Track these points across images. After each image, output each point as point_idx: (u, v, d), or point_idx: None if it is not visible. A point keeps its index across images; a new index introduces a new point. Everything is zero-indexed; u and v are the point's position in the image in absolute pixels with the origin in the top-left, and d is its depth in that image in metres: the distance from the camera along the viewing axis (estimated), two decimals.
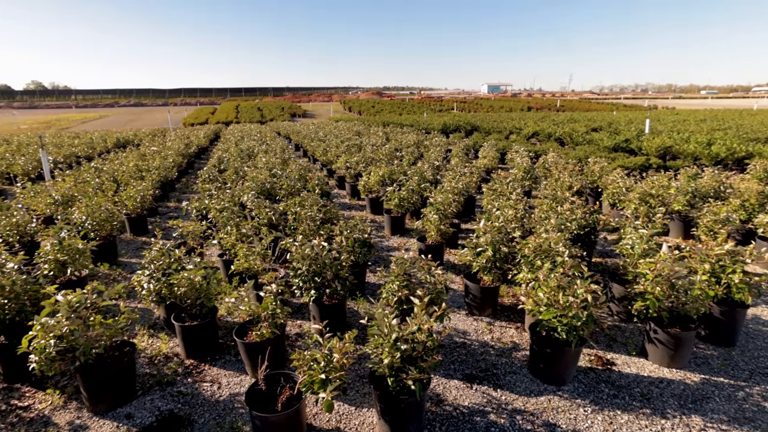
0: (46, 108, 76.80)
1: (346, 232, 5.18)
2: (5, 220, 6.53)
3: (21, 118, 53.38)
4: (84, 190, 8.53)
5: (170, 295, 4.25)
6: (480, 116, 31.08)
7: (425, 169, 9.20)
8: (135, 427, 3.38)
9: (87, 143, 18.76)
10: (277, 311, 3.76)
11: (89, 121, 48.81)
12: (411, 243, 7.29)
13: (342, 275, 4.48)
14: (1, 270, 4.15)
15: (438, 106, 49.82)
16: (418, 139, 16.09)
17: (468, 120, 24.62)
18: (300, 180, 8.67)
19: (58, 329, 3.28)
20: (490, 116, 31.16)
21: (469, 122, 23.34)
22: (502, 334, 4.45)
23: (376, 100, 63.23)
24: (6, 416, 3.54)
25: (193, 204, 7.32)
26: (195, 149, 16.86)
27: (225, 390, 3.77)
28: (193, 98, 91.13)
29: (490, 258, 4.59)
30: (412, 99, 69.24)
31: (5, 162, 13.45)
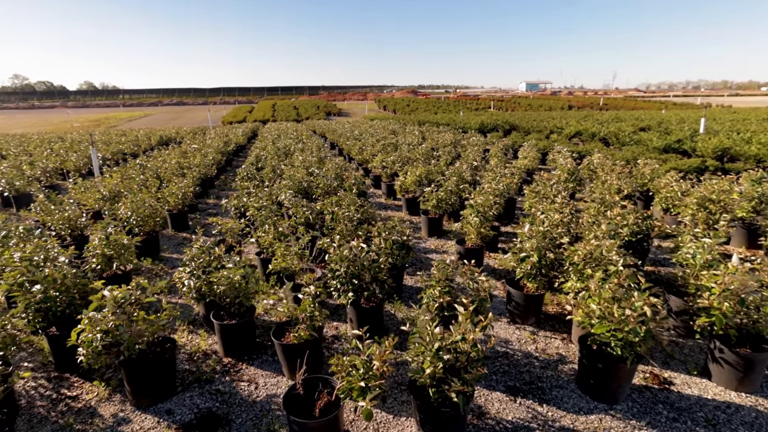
0: (96, 107, 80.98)
1: (384, 234, 5.07)
2: (58, 215, 6.82)
3: (74, 116, 56.46)
4: (129, 186, 8.82)
5: (210, 293, 4.27)
6: (518, 115, 30.34)
7: (464, 169, 8.99)
8: (175, 424, 3.40)
9: (133, 141, 19.54)
10: (316, 314, 3.70)
11: (135, 119, 51.02)
12: (449, 245, 7.11)
13: (380, 278, 4.38)
14: (53, 263, 4.31)
15: (474, 105, 49.05)
16: (455, 138, 15.82)
17: (506, 119, 24.05)
18: (336, 179, 8.65)
19: (104, 324, 3.34)
20: (528, 115, 30.35)
21: (507, 121, 22.78)
22: (546, 345, 4.22)
23: (411, 99, 62.95)
24: (56, 405, 3.65)
25: (232, 202, 7.42)
26: (233, 147, 17.23)
27: (262, 391, 3.75)
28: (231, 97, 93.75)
29: (535, 264, 4.37)
30: (448, 97, 68.52)
31: (59, 158, 14.16)
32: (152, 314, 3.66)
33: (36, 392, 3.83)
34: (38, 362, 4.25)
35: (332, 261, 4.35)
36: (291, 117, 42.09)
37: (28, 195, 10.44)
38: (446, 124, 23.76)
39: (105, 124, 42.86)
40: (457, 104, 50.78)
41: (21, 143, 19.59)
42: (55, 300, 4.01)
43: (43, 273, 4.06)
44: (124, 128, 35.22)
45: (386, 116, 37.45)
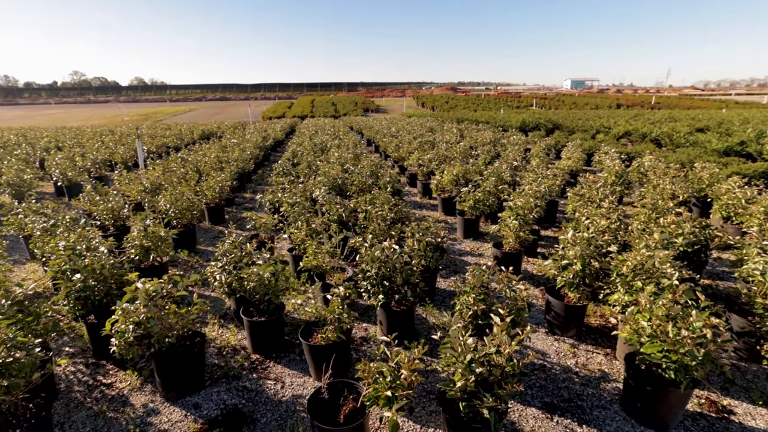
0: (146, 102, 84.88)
1: (418, 235, 4.91)
2: (102, 205, 7.07)
3: (125, 110, 59.34)
4: (170, 179, 9.06)
5: (240, 289, 4.26)
6: (562, 113, 29.24)
7: (503, 169, 8.66)
8: (201, 418, 3.39)
9: (176, 134, 20.21)
10: (344, 316, 3.60)
11: (180, 114, 53.00)
12: (485, 248, 6.86)
13: (412, 281, 4.22)
14: (93, 253, 4.41)
15: (515, 103, 47.75)
16: (495, 136, 15.38)
17: (549, 117, 23.20)
18: (371, 176, 8.54)
19: (136, 316, 3.37)
20: (573, 113, 29.19)
21: (550, 120, 21.96)
22: (588, 360, 3.94)
23: (450, 96, 62.12)
24: (92, 391, 3.73)
25: (266, 197, 7.46)
26: (272, 142, 17.49)
27: (288, 390, 3.69)
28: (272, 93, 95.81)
29: (578, 273, 4.09)
30: (488, 95, 67.16)
31: (108, 150, 14.82)
32: (184, 307, 3.67)
33: (74, 377, 3.94)
34: (78, 348, 4.38)
35: (363, 261, 4.23)
36: (329, 113, 42.46)
37: (78, 185, 10.96)
38: (486, 122, 23.21)
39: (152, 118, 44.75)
40: (498, 102, 49.65)
41: (75, 135, 20.68)
42: (93, 289, 4.10)
43: (83, 262, 4.16)
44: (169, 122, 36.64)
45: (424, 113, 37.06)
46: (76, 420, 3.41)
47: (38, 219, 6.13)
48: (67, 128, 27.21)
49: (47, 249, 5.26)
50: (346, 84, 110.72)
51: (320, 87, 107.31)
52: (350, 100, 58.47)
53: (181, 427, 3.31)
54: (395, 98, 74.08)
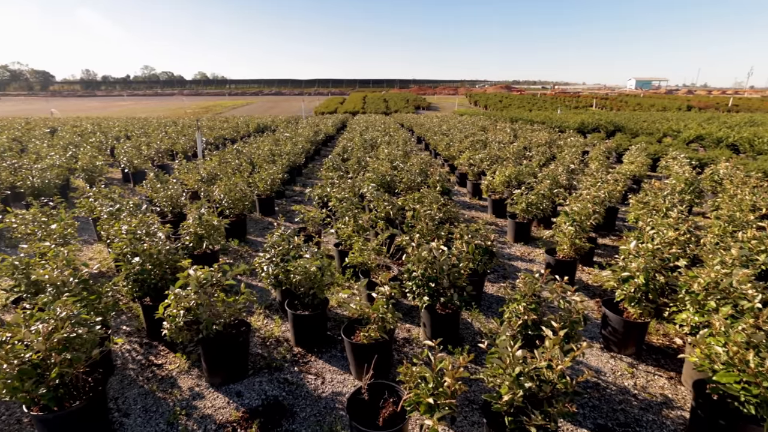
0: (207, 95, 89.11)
1: (466, 237, 4.74)
2: (162, 192, 7.42)
3: (188, 103, 62.60)
4: (225, 170, 9.38)
5: (286, 281, 4.30)
6: (625, 115, 27.61)
7: (559, 172, 8.26)
8: (243, 407, 3.44)
9: (233, 127, 21.01)
10: (388, 315, 3.53)
11: (237, 107, 55.16)
12: (536, 254, 6.56)
13: (459, 284, 4.08)
14: (152, 238, 4.62)
15: (574, 103, 45.65)
16: (551, 138, 14.74)
17: (610, 119, 21.93)
18: (421, 174, 8.42)
19: (187, 302, 3.46)
20: (637, 115, 27.48)
21: (611, 121, 20.75)
22: (648, 383, 3.63)
23: (504, 95, 60.50)
24: (144, 370, 3.90)
25: (315, 191, 7.53)
26: (323, 137, 17.75)
27: (328, 386, 3.68)
28: (325, 89, 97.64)
29: (641, 287, 3.77)
30: (544, 94, 64.77)
31: (171, 141, 15.64)
32: (232, 296, 3.74)
33: (129, 355, 4.13)
34: (134, 327, 4.60)
35: (409, 261, 4.14)
36: (380, 109, 42.60)
37: (143, 172, 11.63)
38: (541, 122, 22.33)
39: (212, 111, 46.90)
40: (555, 101, 47.73)
41: (143, 126, 22.02)
42: (150, 272, 4.28)
43: (142, 246, 4.36)
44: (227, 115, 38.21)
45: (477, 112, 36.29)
46: (128, 396, 3.56)
47: (106, 203, 6.52)
48: (135, 119, 29.08)
49: (111, 232, 5.59)
50: (398, 81, 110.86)
51: (372, 83, 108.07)
52: (402, 97, 58.39)
53: (223, 413, 3.38)
54: (447, 96, 73.17)
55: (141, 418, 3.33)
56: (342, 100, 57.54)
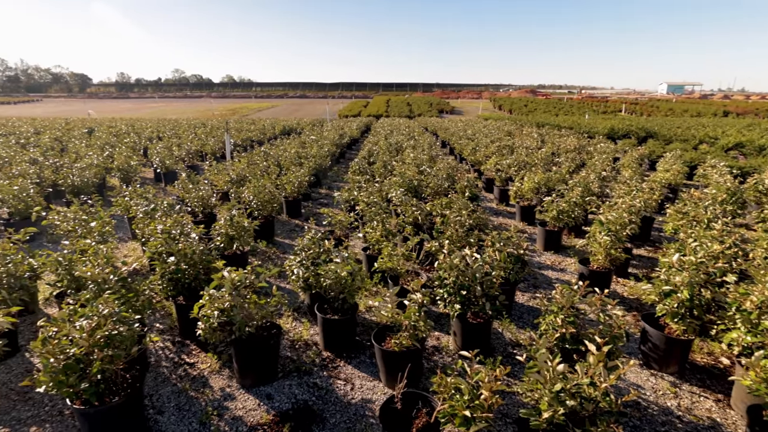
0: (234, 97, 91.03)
1: (498, 245, 4.67)
2: (194, 193, 7.57)
3: (215, 105, 64.02)
4: (253, 171, 9.51)
5: (316, 285, 4.31)
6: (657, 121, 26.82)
7: (591, 179, 8.06)
8: (273, 410, 3.45)
9: (260, 129, 21.35)
10: (420, 323, 3.49)
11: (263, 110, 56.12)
12: (567, 263, 6.41)
13: (492, 293, 4.01)
14: (186, 238, 4.70)
15: (602, 108, 44.67)
16: (580, 143, 14.44)
17: (641, 124, 21.34)
18: (448, 179, 8.35)
19: (221, 303, 3.51)
20: (670, 121, 26.66)
21: (642, 127, 20.18)
22: (693, 404, 3.48)
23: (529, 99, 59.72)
24: (177, 368, 3.96)
25: (343, 194, 7.55)
26: (348, 140, 17.84)
27: (357, 393, 3.66)
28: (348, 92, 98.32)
29: (685, 303, 3.62)
30: (571, 98, 63.62)
31: (200, 142, 15.99)
32: (263, 298, 3.77)
33: (162, 353, 4.21)
34: (167, 325, 4.68)
35: (441, 268, 4.09)
36: (404, 113, 42.63)
37: (174, 172, 11.92)
38: (569, 127, 21.90)
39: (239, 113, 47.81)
40: (582, 106, 46.79)
41: (174, 127, 22.61)
42: (184, 272, 4.36)
43: (177, 246, 4.44)
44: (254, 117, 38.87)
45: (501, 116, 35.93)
46: (162, 394, 3.62)
47: (141, 202, 6.70)
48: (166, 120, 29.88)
49: (146, 231, 5.73)
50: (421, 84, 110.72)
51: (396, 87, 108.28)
52: (425, 101, 58.30)
53: (254, 415, 3.39)
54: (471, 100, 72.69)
55: (174, 416, 3.38)
56: (365, 104, 57.84)
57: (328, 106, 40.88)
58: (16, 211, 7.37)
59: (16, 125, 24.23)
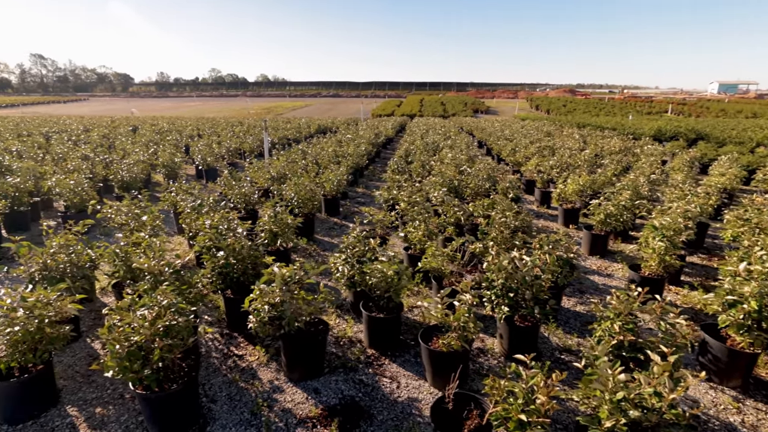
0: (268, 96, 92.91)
1: (546, 247, 4.55)
2: (237, 189, 7.77)
3: (251, 104, 65.56)
4: (293, 169, 9.66)
5: (361, 283, 4.33)
6: (708, 122, 25.53)
7: (641, 182, 7.75)
8: (321, 404, 3.49)
9: (295, 128, 21.70)
10: (470, 325, 3.44)
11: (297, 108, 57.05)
12: (614, 269, 6.19)
13: (542, 297, 3.91)
14: (234, 234, 4.82)
15: (646, 108, 42.90)
16: (624, 145, 13.93)
17: (691, 126, 20.37)
18: (488, 180, 8.22)
19: (272, 298, 3.57)
20: (723, 122, 25.31)
21: (693, 128, 19.23)
22: (759, 422, 3.28)
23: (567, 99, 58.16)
24: (226, 360, 4.06)
25: (383, 194, 7.56)
26: (383, 139, 17.88)
27: (403, 391, 3.65)
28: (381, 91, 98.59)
29: (752, 314, 3.42)
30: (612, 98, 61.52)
31: (239, 140, 16.39)
32: (310, 295, 3.81)
33: (212, 344, 4.33)
34: (214, 318, 4.81)
35: (489, 270, 4.02)
36: (438, 112, 42.36)
37: (214, 169, 12.27)
38: (612, 128, 21.16)
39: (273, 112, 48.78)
40: (624, 106, 45.15)
41: (212, 126, 23.29)
42: (233, 267, 4.47)
43: (226, 242, 4.56)
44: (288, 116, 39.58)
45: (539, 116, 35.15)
46: (214, 383, 3.72)
47: (187, 198, 6.92)
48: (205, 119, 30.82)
49: (194, 226, 5.92)
50: (455, 84, 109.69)
51: (429, 86, 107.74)
52: (459, 100, 57.75)
53: (302, 408, 3.44)
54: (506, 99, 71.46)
55: (227, 406, 3.46)
56: (399, 103, 57.84)
57: (362, 105, 41.15)
58: (72, 204, 7.75)
59: (67, 123, 25.58)
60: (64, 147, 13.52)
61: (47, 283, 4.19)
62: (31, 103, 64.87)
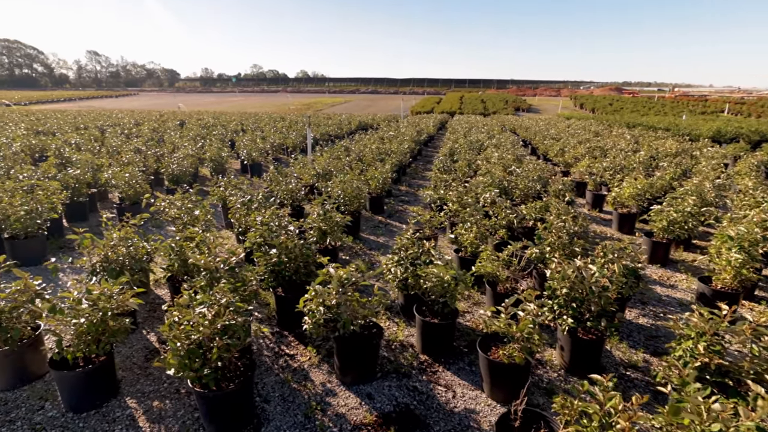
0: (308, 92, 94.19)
1: (611, 255, 4.28)
2: (284, 186, 7.81)
3: (291, 99, 66.62)
4: (337, 166, 9.65)
5: (415, 286, 4.21)
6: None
7: (707, 187, 7.24)
8: (375, 411, 3.40)
9: (336, 124, 21.80)
10: (534, 337, 3.26)
11: (336, 104, 57.48)
12: (677, 279, 5.80)
13: (609, 309, 3.67)
14: (286, 232, 4.81)
15: (700, 107, 40.49)
16: (682, 147, 13.15)
17: (754, 126, 19.01)
18: (538, 181, 7.91)
19: (329, 300, 3.51)
20: None
21: (756, 130, 17.89)
22: None
23: (614, 97, 55.81)
24: (278, 359, 4.05)
25: (433, 194, 7.41)
26: (425, 137, 17.66)
27: (460, 402, 3.51)
28: (420, 88, 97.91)
29: None
30: (662, 97, 58.55)
31: (282, 136, 16.61)
32: (364, 297, 3.73)
33: (263, 342, 4.32)
34: (264, 315, 4.82)
35: (552, 278, 3.81)
36: (478, 110, 41.61)
37: (258, 165, 12.46)
38: (665, 128, 20.06)
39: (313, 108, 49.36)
40: (676, 105, 42.82)
41: (256, 121, 23.75)
42: (285, 265, 4.45)
43: (279, 239, 4.55)
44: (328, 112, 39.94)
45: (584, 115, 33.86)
46: (267, 383, 3.71)
47: (236, 193, 7.01)
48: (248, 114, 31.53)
49: (244, 221, 5.96)
50: (495, 81, 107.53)
51: (468, 83, 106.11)
52: (500, 98, 56.55)
53: (356, 414, 3.36)
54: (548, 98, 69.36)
55: (280, 407, 3.43)
56: (438, 100, 57.24)
57: (402, 102, 40.94)
58: (127, 196, 8.02)
59: (119, 117, 26.79)
60: (118, 140, 14.10)
61: (107, 275, 4.30)
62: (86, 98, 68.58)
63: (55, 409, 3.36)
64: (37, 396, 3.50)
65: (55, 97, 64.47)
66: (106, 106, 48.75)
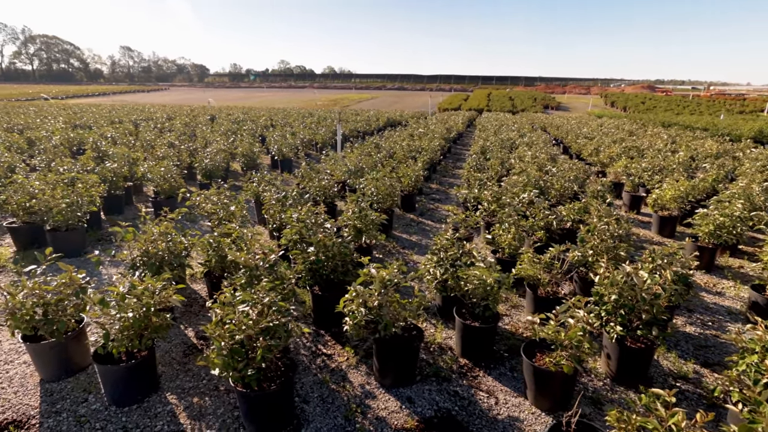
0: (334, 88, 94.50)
1: (660, 261, 4.10)
2: (316, 182, 7.81)
3: (318, 95, 66.97)
4: (369, 163, 9.61)
5: (455, 288, 4.13)
6: None
7: (756, 191, 6.89)
8: (416, 415, 3.35)
9: (365, 120, 21.77)
10: (585, 345, 3.14)
11: (363, 101, 57.46)
12: (724, 287, 5.54)
13: (660, 317, 3.51)
14: (323, 230, 4.79)
15: (738, 106, 38.78)
16: (723, 148, 12.59)
17: None
18: (576, 181, 7.69)
19: (371, 301, 3.46)
20: None
21: None
22: None
23: (646, 95, 53.99)
24: (315, 358, 4.03)
25: (466, 192, 7.28)
26: (454, 134, 17.46)
27: (503, 408, 3.42)
28: (447, 84, 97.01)
29: None
30: (697, 95, 56.37)
31: (311, 131, 16.69)
32: (404, 298, 3.67)
33: (300, 341, 4.31)
34: (300, 313, 4.81)
35: (599, 284, 3.68)
36: (506, 107, 40.94)
37: (289, 160, 12.54)
38: (703, 128, 19.28)
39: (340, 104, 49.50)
40: (712, 104, 41.13)
41: (284, 116, 23.96)
42: (323, 263, 4.44)
43: (317, 237, 4.53)
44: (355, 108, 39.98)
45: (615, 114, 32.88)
46: (305, 383, 3.70)
47: (269, 189, 7.05)
48: (276, 109, 31.85)
49: (278, 218, 5.98)
50: (523, 78, 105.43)
51: (495, 80, 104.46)
52: (528, 95, 55.49)
53: (397, 418, 3.32)
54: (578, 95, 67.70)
55: (320, 408, 3.41)
56: (465, 97, 56.61)
57: (430, 99, 40.60)
58: (162, 190, 8.17)
59: (152, 111, 27.43)
60: (151, 134, 14.43)
61: (147, 269, 4.36)
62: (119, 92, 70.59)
63: (98, 402, 3.41)
64: (81, 388, 3.57)
65: (90, 91, 66.58)
66: (138, 101, 50.05)
